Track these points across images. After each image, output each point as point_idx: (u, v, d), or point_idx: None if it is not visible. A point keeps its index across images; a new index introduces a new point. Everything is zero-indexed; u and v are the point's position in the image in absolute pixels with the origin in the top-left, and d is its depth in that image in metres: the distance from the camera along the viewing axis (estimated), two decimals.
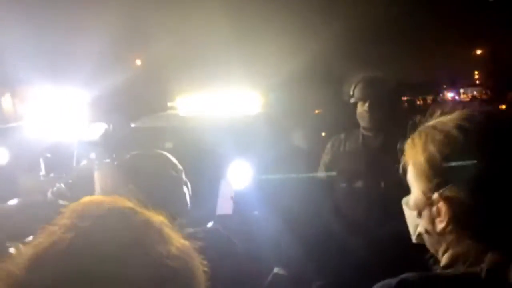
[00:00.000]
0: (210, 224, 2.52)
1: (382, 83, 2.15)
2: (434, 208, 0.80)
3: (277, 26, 7.42)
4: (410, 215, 0.88)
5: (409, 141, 0.86)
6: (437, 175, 0.79)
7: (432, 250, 0.86)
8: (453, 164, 0.77)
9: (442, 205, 0.78)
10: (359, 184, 2.11)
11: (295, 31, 7.39)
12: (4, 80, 6.55)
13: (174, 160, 1.54)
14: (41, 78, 5.16)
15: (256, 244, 1.98)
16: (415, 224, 0.87)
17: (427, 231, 0.83)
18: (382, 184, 2.05)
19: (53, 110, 4.30)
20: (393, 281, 0.79)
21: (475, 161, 0.76)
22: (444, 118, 0.84)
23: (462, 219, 0.78)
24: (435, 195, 0.79)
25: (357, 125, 2.25)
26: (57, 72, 5.48)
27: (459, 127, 0.80)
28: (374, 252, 1.87)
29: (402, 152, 0.89)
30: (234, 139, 2.94)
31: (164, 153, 1.58)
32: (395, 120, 2.12)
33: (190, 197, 1.63)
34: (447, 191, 0.77)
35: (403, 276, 0.80)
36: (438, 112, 0.86)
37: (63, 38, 7.40)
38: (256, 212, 2.57)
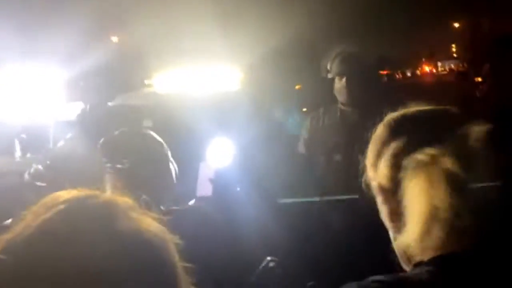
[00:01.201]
0: (191, 202, 2.53)
1: (359, 58, 2.17)
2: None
3: (257, 1, 7.31)
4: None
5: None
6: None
7: None
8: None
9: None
10: (338, 157, 2.15)
11: (276, 5, 7.30)
12: None
13: (159, 138, 1.55)
14: (14, 57, 4.98)
15: (238, 224, 2.00)
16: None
17: None
18: (360, 158, 2.08)
19: (27, 89, 4.18)
20: (363, 285, 0.74)
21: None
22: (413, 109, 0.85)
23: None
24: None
25: (336, 100, 2.27)
26: (31, 51, 5.30)
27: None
28: (354, 225, 1.92)
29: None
30: (214, 116, 2.93)
31: (149, 131, 1.58)
32: (372, 94, 2.15)
33: (176, 174, 1.63)
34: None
35: (375, 279, 0.75)
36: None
37: (37, 15, 7.13)
38: (238, 189, 2.58)
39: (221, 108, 3.15)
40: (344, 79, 2.11)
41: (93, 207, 0.59)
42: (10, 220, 2.11)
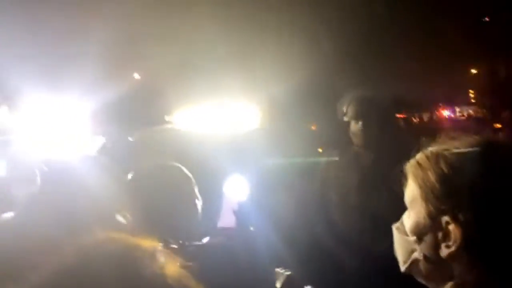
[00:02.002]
0: (206, 239, 2.52)
1: (376, 102, 2.20)
2: (441, 232, 0.75)
3: (276, 41, 7.52)
4: (402, 241, 0.84)
5: (414, 162, 0.84)
6: (450, 197, 0.75)
7: (426, 280, 0.81)
8: (469, 186, 0.73)
9: (453, 229, 0.73)
10: (351, 200, 2.14)
11: (293, 47, 7.49)
12: (1, 92, 6.57)
13: (188, 173, 1.54)
14: (39, 91, 5.18)
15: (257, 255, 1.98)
16: (409, 250, 0.82)
17: (426, 258, 0.79)
18: (374, 202, 2.07)
19: (50, 122, 4.32)
20: None
21: (495, 186, 0.73)
22: (455, 142, 0.82)
23: (475, 245, 0.73)
24: (445, 218, 0.75)
25: (352, 142, 2.29)
26: (55, 85, 5.51)
27: (476, 154, 0.77)
28: (369, 269, 1.88)
29: (400, 173, 0.88)
30: (233, 153, 2.96)
31: (178, 165, 1.57)
32: (389, 138, 2.16)
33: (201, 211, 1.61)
34: (462, 214, 0.73)
35: None
36: (445, 136, 0.84)
37: (63, 51, 7.45)
38: (252, 228, 2.58)
39: (240, 145, 3.20)
40: (360, 123, 2.13)
41: (117, 250, 0.58)
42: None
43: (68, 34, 7.55)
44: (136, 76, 9.30)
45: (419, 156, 0.84)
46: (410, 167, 0.85)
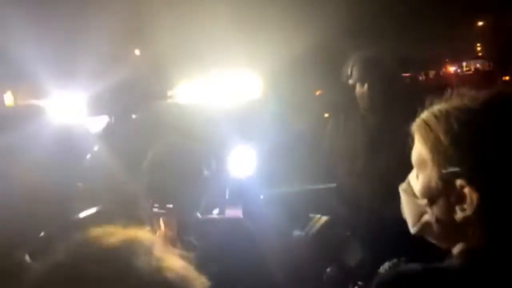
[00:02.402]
0: (216, 211, 2.54)
1: (380, 63, 2.14)
2: (455, 195, 0.72)
3: (277, 5, 7.33)
4: (411, 203, 0.81)
5: (420, 122, 0.79)
6: (464, 159, 0.71)
7: (438, 241, 0.79)
8: (484, 146, 0.68)
9: (469, 192, 0.70)
10: (359, 164, 2.12)
11: (296, 10, 7.30)
12: (5, 77, 6.55)
13: (195, 149, 1.57)
14: (41, 73, 5.15)
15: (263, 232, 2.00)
16: (418, 212, 0.79)
17: (439, 220, 0.75)
18: (382, 164, 2.06)
19: (54, 104, 4.31)
20: (390, 274, 0.76)
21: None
22: (464, 99, 0.76)
23: (492, 209, 0.69)
24: (459, 181, 0.71)
25: (358, 106, 2.25)
26: (57, 66, 5.47)
27: (489, 110, 0.72)
28: (379, 232, 1.89)
29: (407, 134, 0.84)
30: (237, 125, 2.94)
31: (186, 144, 1.60)
32: (394, 99, 2.12)
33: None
34: (477, 176, 0.69)
35: (402, 269, 0.76)
36: (452, 93, 0.78)
37: (62, 30, 7.35)
38: (261, 197, 2.59)
39: (243, 116, 3.17)
40: (366, 85, 2.08)
41: (112, 245, 0.57)
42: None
43: (70, 14, 7.44)
44: (137, 52, 9.19)
45: (426, 115, 0.79)
46: (416, 127, 0.80)
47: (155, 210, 1.47)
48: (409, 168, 0.87)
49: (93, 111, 4.60)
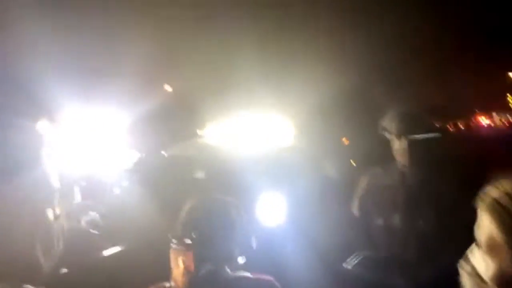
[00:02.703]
0: (240, 259, 2.48)
1: (420, 119, 2.10)
2: None
3: (308, 52, 7.47)
4: (476, 287, 0.75)
5: (492, 201, 0.74)
6: None
7: None
8: None
9: None
10: (395, 221, 2.04)
11: (327, 60, 7.41)
12: (40, 105, 6.80)
13: (231, 202, 1.59)
14: (75, 104, 5.32)
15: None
16: None
17: None
18: (421, 222, 1.98)
19: (87, 136, 4.42)
20: None
21: None
22: None
23: None
24: None
25: (391, 158, 2.20)
26: (90, 99, 5.65)
27: None
28: None
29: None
30: (267, 171, 2.92)
31: (220, 198, 1.62)
32: (435, 154, 2.06)
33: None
34: None
35: None
36: None
37: (97, 64, 7.65)
38: (288, 248, 2.52)
39: (273, 162, 3.15)
40: (404, 141, 2.04)
41: None
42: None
43: (103, 48, 7.75)
44: (168, 88, 9.43)
45: (497, 193, 0.74)
46: (486, 205, 0.75)
47: (174, 246, 1.45)
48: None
49: (124, 145, 4.68)
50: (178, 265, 1.45)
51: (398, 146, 2.07)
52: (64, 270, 2.59)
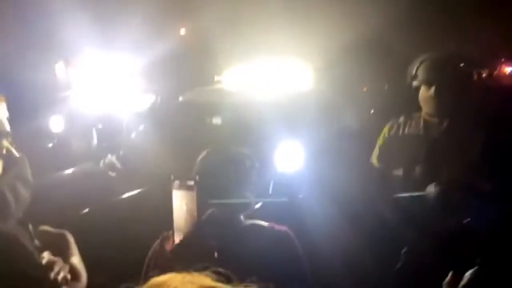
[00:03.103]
0: (257, 205, 2.48)
1: (451, 64, 1.96)
2: None
3: None
4: None
5: None
6: None
7: None
8: None
9: None
10: (417, 172, 1.98)
11: (350, 1, 7.06)
12: (57, 49, 6.74)
13: (243, 153, 1.61)
14: (91, 48, 5.25)
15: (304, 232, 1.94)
16: None
17: None
18: (443, 174, 1.91)
19: (103, 79, 4.38)
20: None
21: None
22: None
23: None
24: None
25: (415, 108, 2.10)
26: (105, 42, 5.56)
27: None
28: (434, 247, 1.77)
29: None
30: (284, 117, 2.86)
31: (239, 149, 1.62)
32: (463, 105, 1.96)
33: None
34: None
35: None
36: None
37: (111, 9, 7.47)
38: (300, 196, 2.51)
39: (292, 108, 3.08)
40: (433, 88, 1.92)
41: None
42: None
43: None
44: (182, 31, 9.19)
45: None
46: None
47: (176, 185, 1.46)
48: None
49: (139, 87, 4.64)
50: (181, 208, 1.44)
51: (426, 93, 1.96)
52: (85, 210, 2.65)
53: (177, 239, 1.46)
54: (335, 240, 2.13)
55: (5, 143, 0.88)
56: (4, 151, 0.88)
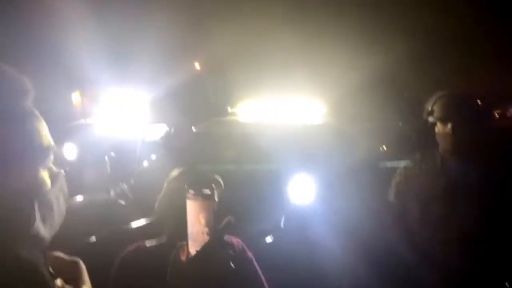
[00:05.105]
0: (268, 239, 2.43)
1: (469, 102, 1.96)
2: None
3: (342, 33, 7.24)
4: None
5: None
6: None
7: None
8: None
9: None
10: (434, 209, 1.94)
11: (363, 39, 7.17)
12: (73, 79, 6.91)
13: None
14: (106, 78, 5.37)
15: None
16: None
17: None
18: (462, 214, 1.87)
19: (117, 109, 4.45)
20: None
21: None
22: None
23: None
24: None
25: (431, 144, 2.08)
26: (120, 73, 5.69)
27: None
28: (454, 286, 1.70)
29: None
30: (297, 150, 2.85)
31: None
32: (480, 143, 1.93)
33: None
34: None
35: None
36: None
37: (126, 40, 7.69)
38: (313, 229, 2.45)
39: (305, 141, 3.07)
40: (450, 125, 1.91)
41: None
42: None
43: (132, 23, 7.76)
44: (197, 66, 9.38)
45: None
46: None
47: (191, 195, 1.41)
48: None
49: (152, 118, 4.69)
50: (197, 220, 1.41)
51: (442, 130, 1.95)
52: (93, 239, 2.62)
53: (192, 249, 1.41)
54: (349, 275, 2.06)
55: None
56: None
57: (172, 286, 1.40)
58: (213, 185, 1.49)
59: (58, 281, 0.93)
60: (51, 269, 0.97)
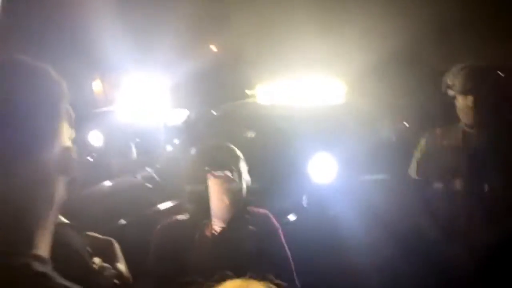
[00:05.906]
0: (291, 216, 2.48)
1: (490, 74, 1.92)
2: None
3: (362, 8, 7.08)
4: None
5: None
6: None
7: None
8: None
9: None
10: (457, 185, 1.93)
11: (381, 14, 7.00)
12: (93, 66, 7.03)
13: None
14: (126, 64, 5.44)
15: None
16: None
17: None
18: (486, 188, 1.86)
19: (138, 95, 4.53)
20: None
21: None
22: None
23: None
24: None
25: (453, 119, 2.06)
26: (139, 59, 5.76)
27: None
28: (476, 261, 1.72)
29: None
30: (317, 130, 2.86)
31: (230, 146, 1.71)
32: (502, 115, 1.91)
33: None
34: None
35: None
36: None
37: (145, 26, 7.73)
38: (331, 212, 2.47)
39: (325, 122, 3.07)
40: (471, 98, 1.88)
41: None
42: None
43: (151, 9, 7.78)
44: (214, 48, 9.37)
45: None
46: None
47: (210, 173, 1.50)
48: None
49: (172, 103, 4.75)
50: (220, 199, 1.48)
51: (463, 104, 1.92)
52: (122, 221, 2.72)
53: (216, 226, 1.49)
54: (371, 253, 2.10)
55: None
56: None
57: (199, 262, 1.48)
58: (232, 166, 1.55)
59: (96, 259, 0.99)
60: (89, 249, 1.03)
